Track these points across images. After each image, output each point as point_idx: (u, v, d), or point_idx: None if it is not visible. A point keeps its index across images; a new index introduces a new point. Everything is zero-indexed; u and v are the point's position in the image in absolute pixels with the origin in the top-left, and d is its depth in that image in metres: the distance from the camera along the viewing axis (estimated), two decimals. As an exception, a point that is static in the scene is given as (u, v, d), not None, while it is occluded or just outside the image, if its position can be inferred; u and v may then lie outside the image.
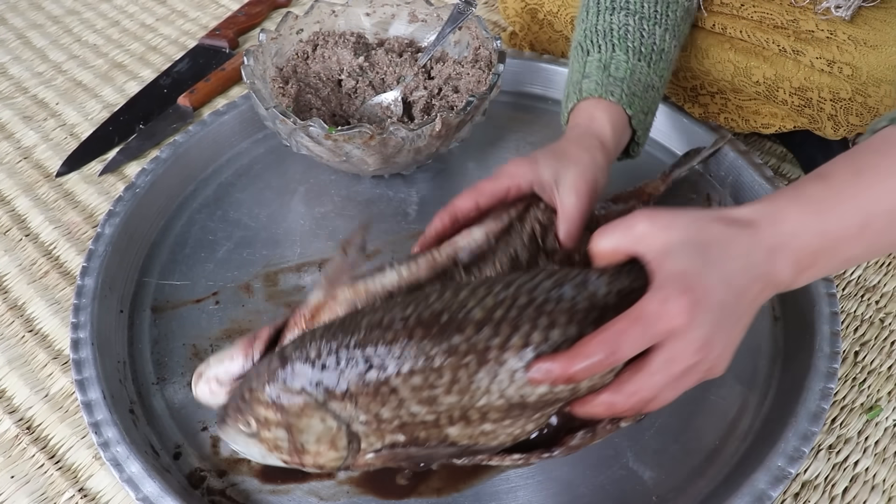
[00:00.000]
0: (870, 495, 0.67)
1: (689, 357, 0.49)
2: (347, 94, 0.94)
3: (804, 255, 0.51)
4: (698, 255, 0.49)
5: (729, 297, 0.49)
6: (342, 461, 0.56)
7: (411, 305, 0.53)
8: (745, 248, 0.50)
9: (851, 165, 0.52)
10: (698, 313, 0.48)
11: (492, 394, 0.52)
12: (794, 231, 0.51)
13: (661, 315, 0.48)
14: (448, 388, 0.52)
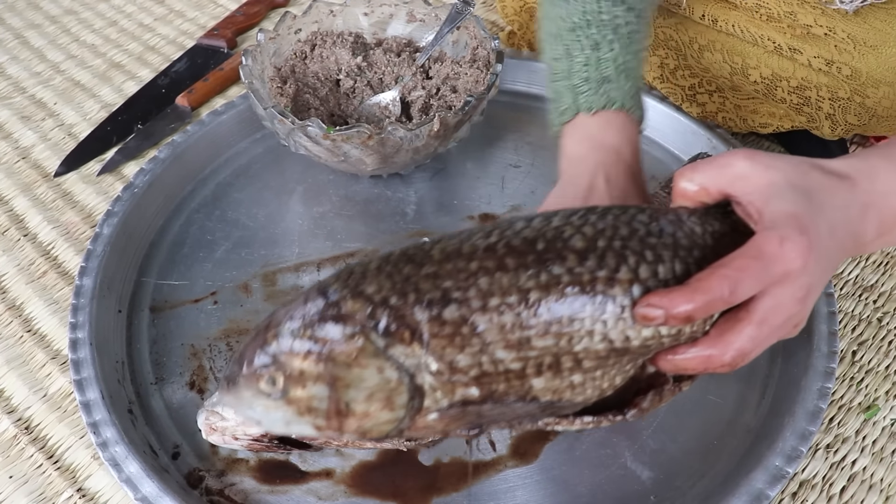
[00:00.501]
0: (867, 494, 0.67)
1: (792, 306, 0.46)
2: (346, 94, 0.94)
3: (889, 216, 0.50)
4: (805, 199, 0.46)
5: (832, 247, 0.47)
6: (396, 424, 0.46)
7: (494, 233, 0.46)
8: (844, 200, 0.48)
9: None
10: (811, 259, 0.45)
11: (594, 336, 0.45)
12: (886, 191, 0.49)
13: (779, 256, 0.45)
14: (544, 328, 0.44)
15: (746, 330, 0.46)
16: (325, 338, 0.43)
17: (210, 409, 0.65)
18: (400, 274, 0.44)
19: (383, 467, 0.67)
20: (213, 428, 0.64)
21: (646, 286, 0.45)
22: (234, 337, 0.78)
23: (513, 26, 1.08)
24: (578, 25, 0.72)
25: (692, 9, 0.87)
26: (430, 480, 0.67)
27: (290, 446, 0.66)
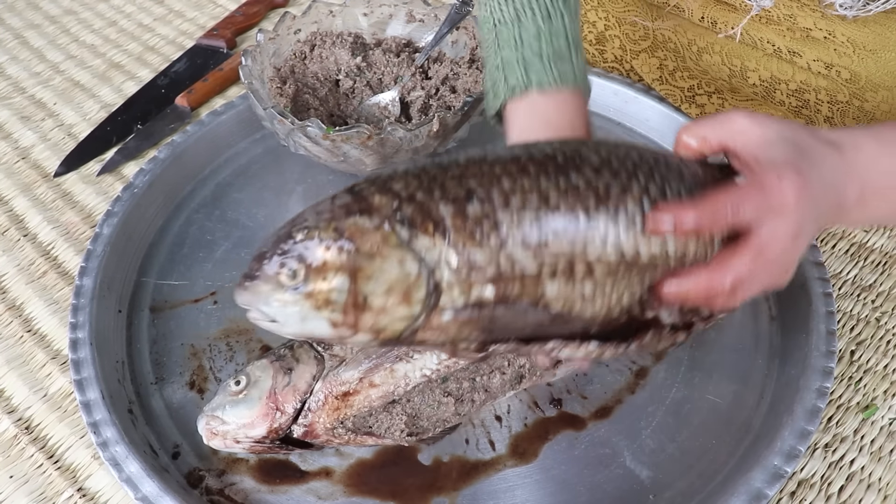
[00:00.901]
0: (866, 494, 0.67)
1: (786, 241, 0.49)
2: (345, 95, 0.95)
3: (870, 187, 0.52)
4: (798, 152, 0.50)
5: (822, 199, 0.50)
6: (410, 322, 0.46)
7: (517, 148, 0.48)
8: (832, 164, 0.51)
9: None
10: (804, 197, 0.49)
11: (607, 245, 0.47)
12: (868, 163, 0.52)
13: (777, 189, 0.48)
14: (562, 231, 0.46)
15: (745, 255, 0.49)
16: (350, 229, 0.44)
17: (210, 413, 0.65)
18: (427, 175, 0.46)
19: (383, 467, 0.68)
20: (213, 433, 0.64)
21: (655, 201, 0.49)
22: (234, 337, 0.78)
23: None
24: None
25: (691, 11, 0.87)
26: (430, 480, 0.67)
27: (291, 447, 0.66)
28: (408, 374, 0.64)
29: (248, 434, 0.64)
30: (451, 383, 0.67)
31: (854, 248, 0.87)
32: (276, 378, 0.64)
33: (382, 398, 0.65)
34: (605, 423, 0.70)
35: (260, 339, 0.78)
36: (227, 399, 0.65)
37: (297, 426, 0.64)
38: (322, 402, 0.64)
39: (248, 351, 0.77)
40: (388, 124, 0.80)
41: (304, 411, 0.64)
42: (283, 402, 0.63)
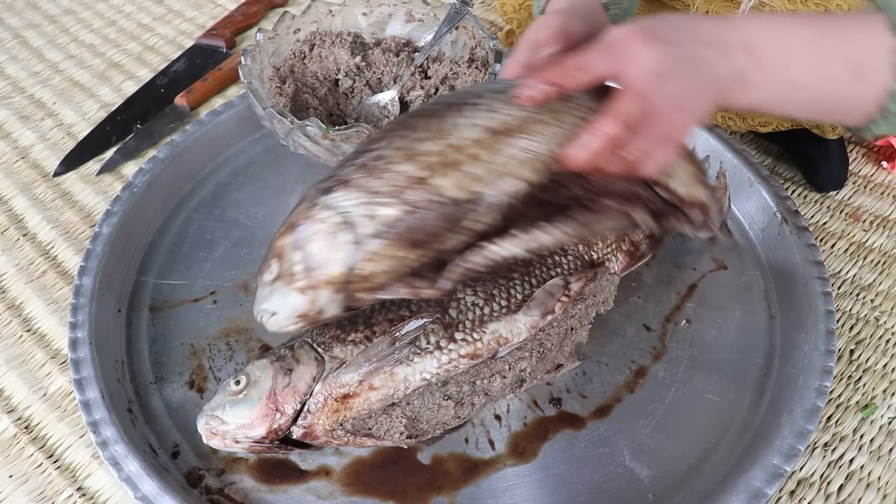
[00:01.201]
0: (865, 493, 0.68)
1: (648, 78, 0.53)
2: (344, 94, 0.95)
3: (757, 43, 0.55)
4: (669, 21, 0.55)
5: (696, 49, 0.54)
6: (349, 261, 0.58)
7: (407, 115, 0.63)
8: (710, 25, 0.55)
9: (817, 14, 0.57)
10: (651, 38, 0.53)
11: (476, 126, 0.57)
12: (750, 25, 0.56)
13: (619, 39, 0.53)
14: (425, 134, 0.57)
15: (618, 99, 0.54)
16: (294, 217, 0.60)
17: (209, 413, 0.65)
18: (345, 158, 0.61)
19: (382, 466, 0.68)
20: (213, 432, 0.64)
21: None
22: (234, 336, 0.78)
23: (511, 24, 1.08)
24: None
25: (696, 7, 0.87)
26: (429, 479, 0.67)
27: (290, 446, 0.66)
28: (408, 377, 0.64)
29: (248, 434, 0.64)
30: (452, 386, 0.67)
31: (853, 248, 0.87)
32: (277, 378, 0.64)
33: (382, 401, 0.65)
34: (604, 423, 0.70)
35: (259, 338, 0.78)
36: (226, 399, 0.65)
37: (296, 427, 0.64)
38: (322, 403, 0.64)
39: (247, 350, 0.77)
40: None
41: (303, 413, 0.64)
42: (282, 403, 0.63)
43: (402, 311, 0.67)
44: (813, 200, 0.93)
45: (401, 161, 0.56)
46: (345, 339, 0.66)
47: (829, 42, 0.56)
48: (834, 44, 0.56)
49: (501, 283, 0.70)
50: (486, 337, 0.67)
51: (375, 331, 0.66)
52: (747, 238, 0.85)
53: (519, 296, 0.70)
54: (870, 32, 0.55)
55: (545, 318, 0.69)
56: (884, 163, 0.97)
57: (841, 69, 0.56)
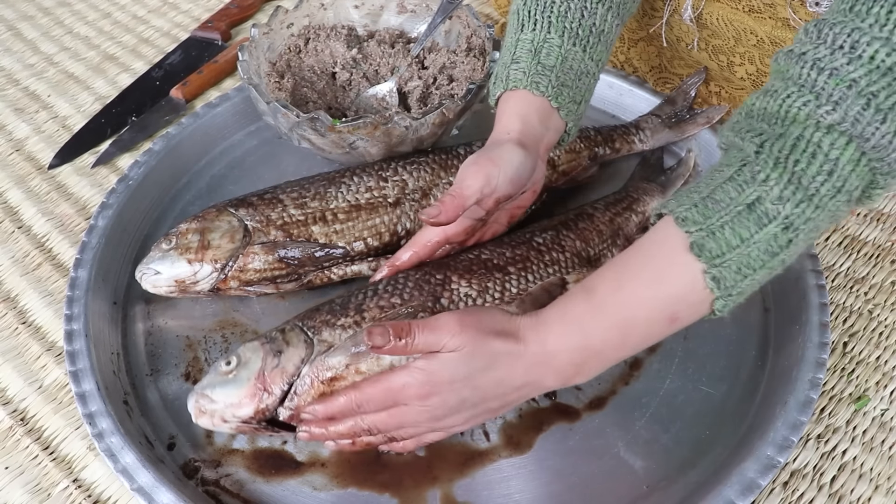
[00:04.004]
0: (858, 483, 0.68)
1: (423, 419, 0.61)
2: (342, 87, 0.94)
3: (567, 367, 0.59)
4: (464, 374, 0.59)
5: (469, 393, 0.60)
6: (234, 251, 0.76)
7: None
8: (508, 362, 0.59)
9: (616, 278, 0.58)
10: (432, 397, 0.60)
11: (339, 200, 0.79)
12: (556, 350, 0.59)
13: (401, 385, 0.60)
14: (312, 196, 0.79)
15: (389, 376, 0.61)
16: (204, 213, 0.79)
17: (199, 391, 0.65)
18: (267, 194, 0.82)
19: (378, 458, 0.68)
20: (201, 411, 0.65)
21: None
22: (229, 329, 0.78)
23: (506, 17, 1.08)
24: (518, 5, 0.76)
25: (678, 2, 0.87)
26: (425, 470, 0.67)
27: (277, 429, 0.66)
28: (394, 362, 0.64)
29: (236, 413, 0.64)
30: None
31: (847, 241, 0.87)
32: (266, 360, 0.65)
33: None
34: (599, 415, 0.71)
35: (255, 331, 0.78)
36: (216, 378, 0.65)
37: (283, 409, 0.64)
38: (308, 385, 0.64)
39: (243, 342, 0.76)
40: (396, 114, 0.80)
41: (290, 394, 0.64)
42: (270, 383, 0.64)
43: (394, 298, 0.68)
44: (807, 194, 0.93)
45: (291, 206, 0.79)
46: (335, 323, 0.67)
47: (637, 317, 0.57)
48: (644, 320, 0.57)
49: (497, 277, 0.71)
50: None
51: (365, 317, 0.67)
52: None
53: (514, 289, 0.70)
54: (673, 274, 0.56)
55: None
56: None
57: (657, 328, 0.58)
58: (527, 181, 0.70)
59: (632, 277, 0.58)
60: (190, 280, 0.76)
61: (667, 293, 0.56)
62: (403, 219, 0.80)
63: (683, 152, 0.93)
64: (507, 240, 0.76)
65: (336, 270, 0.79)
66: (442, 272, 0.71)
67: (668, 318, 0.57)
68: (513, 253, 0.74)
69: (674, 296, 0.56)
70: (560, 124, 0.73)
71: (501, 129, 0.71)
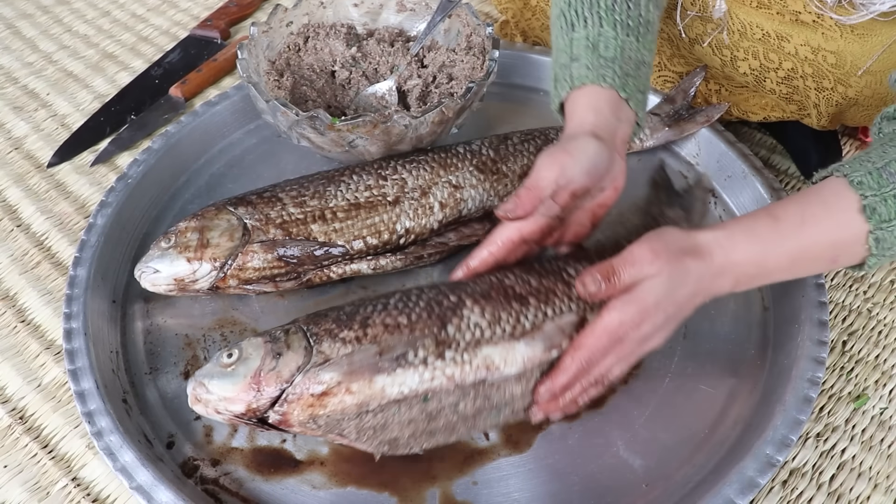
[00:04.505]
0: (856, 482, 0.68)
1: (635, 347, 0.63)
2: (341, 85, 0.94)
3: (742, 277, 0.64)
4: (665, 288, 0.62)
5: (672, 309, 0.63)
6: (233, 250, 0.76)
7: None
8: (698, 275, 0.62)
9: (800, 213, 0.63)
10: (645, 324, 0.62)
11: (339, 199, 0.79)
12: (739, 261, 0.63)
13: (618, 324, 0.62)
14: (311, 195, 0.79)
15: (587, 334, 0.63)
16: (203, 211, 0.79)
17: (198, 379, 0.65)
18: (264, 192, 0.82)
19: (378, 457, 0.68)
20: (197, 399, 0.65)
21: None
22: (228, 327, 0.78)
23: (506, 15, 1.08)
24: (562, 8, 0.76)
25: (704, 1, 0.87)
26: (424, 469, 0.67)
27: (268, 427, 0.65)
28: (386, 388, 0.62)
29: (228, 408, 0.64)
30: (433, 404, 0.64)
31: (846, 240, 0.87)
32: (265, 360, 0.64)
33: (357, 406, 0.63)
34: (598, 413, 0.71)
35: (254, 329, 0.78)
36: (216, 369, 0.65)
37: (273, 412, 0.64)
38: (299, 395, 0.63)
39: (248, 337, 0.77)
40: (395, 112, 0.80)
41: (281, 399, 0.63)
42: (264, 385, 0.63)
43: (401, 317, 0.65)
44: (807, 192, 0.93)
45: (290, 204, 0.79)
46: (337, 334, 0.65)
47: (808, 255, 0.64)
48: (812, 255, 0.64)
49: (513, 308, 0.66)
50: (476, 361, 0.64)
51: (367, 333, 0.64)
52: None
53: (527, 324, 0.65)
54: (845, 226, 0.62)
55: (548, 352, 0.65)
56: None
57: (819, 265, 0.67)
58: (604, 174, 0.68)
59: (812, 217, 0.63)
60: (189, 278, 0.76)
61: (836, 241, 0.63)
62: (403, 217, 0.80)
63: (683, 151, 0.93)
64: (538, 266, 0.70)
65: (335, 269, 0.79)
66: (457, 294, 0.67)
67: (829, 259, 0.65)
68: (539, 283, 0.68)
69: (841, 244, 0.63)
70: (630, 115, 0.72)
71: (575, 125, 0.70)
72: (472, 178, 0.82)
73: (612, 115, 0.70)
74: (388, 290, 0.79)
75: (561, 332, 0.65)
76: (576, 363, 0.63)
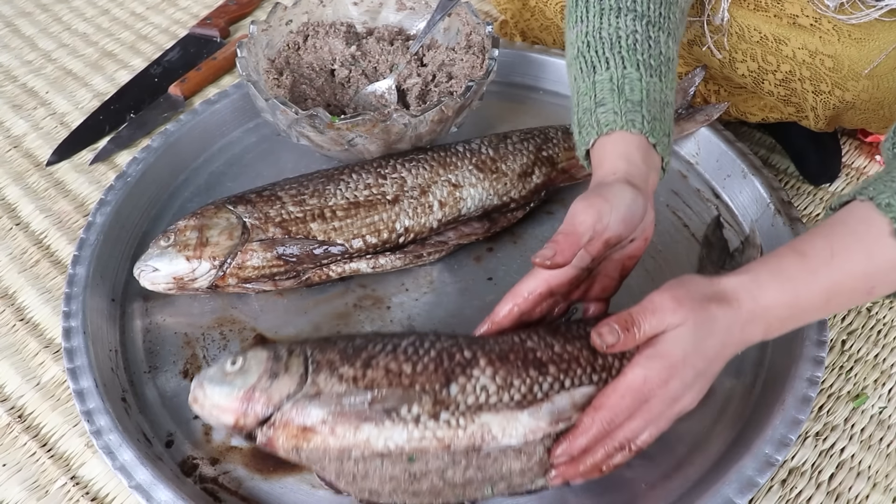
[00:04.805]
0: (855, 481, 0.68)
1: (663, 407, 0.59)
2: (341, 84, 0.94)
3: (775, 322, 0.60)
4: (692, 340, 0.58)
5: (702, 364, 0.59)
6: (232, 248, 0.77)
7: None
8: (726, 325, 0.58)
9: (828, 246, 0.59)
10: (673, 380, 0.58)
11: (338, 197, 0.79)
12: (770, 305, 0.59)
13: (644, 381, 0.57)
14: (311, 194, 0.80)
15: (610, 394, 0.58)
16: (202, 210, 0.80)
17: (199, 381, 0.63)
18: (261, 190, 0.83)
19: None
20: (195, 400, 0.62)
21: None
22: (228, 326, 0.78)
23: (505, 14, 1.08)
24: (580, 49, 0.73)
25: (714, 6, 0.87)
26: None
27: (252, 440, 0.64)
28: (371, 439, 0.59)
29: (219, 417, 0.62)
30: (418, 465, 0.60)
31: (846, 239, 0.87)
32: (262, 378, 0.62)
33: (339, 451, 0.60)
34: (597, 412, 0.70)
35: (254, 327, 0.78)
36: (218, 374, 0.63)
37: (260, 433, 0.61)
38: (285, 423, 0.60)
39: (241, 339, 0.77)
40: (395, 111, 0.80)
41: (269, 422, 0.61)
42: (254, 404, 0.61)
43: (405, 365, 0.61)
44: (806, 192, 0.94)
45: (290, 203, 0.79)
46: (336, 369, 0.61)
47: (843, 290, 0.60)
48: (847, 289, 0.60)
49: (529, 375, 0.61)
50: (472, 427, 0.59)
51: (367, 375, 0.61)
52: (740, 229, 0.86)
53: (539, 394, 0.60)
54: (879, 255, 0.58)
55: (554, 425, 0.60)
56: (878, 157, 0.97)
57: (855, 298, 0.62)
58: (638, 223, 0.65)
59: (842, 250, 0.59)
60: (188, 277, 0.76)
61: (872, 270, 0.59)
62: (402, 216, 0.80)
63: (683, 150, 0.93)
64: (564, 329, 0.66)
65: (335, 268, 0.79)
66: (473, 350, 0.63)
67: (866, 291, 0.60)
68: (562, 348, 0.63)
69: (876, 273, 0.59)
70: (658, 161, 0.69)
71: (606, 172, 0.67)
72: (471, 176, 0.82)
73: (642, 163, 0.67)
74: (388, 288, 0.81)
75: (573, 405, 0.60)
76: (596, 425, 0.58)
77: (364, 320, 0.78)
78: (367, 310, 0.79)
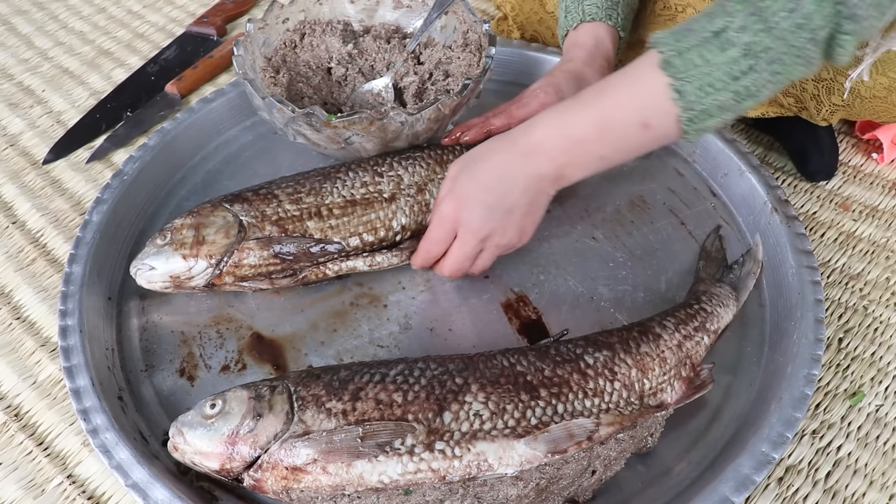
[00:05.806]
0: (852, 479, 0.68)
1: (472, 239, 0.72)
2: (338, 82, 0.94)
3: (554, 153, 0.68)
4: (467, 173, 0.71)
5: (491, 197, 0.70)
6: (229, 246, 0.76)
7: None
8: (501, 160, 0.70)
9: (600, 87, 0.67)
10: (463, 210, 0.71)
11: (335, 196, 0.79)
12: (543, 138, 0.68)
13: (442, 216, 0.73)
14: (307, 192, 0.79)
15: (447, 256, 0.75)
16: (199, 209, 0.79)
17: (178, 426, 0.63)
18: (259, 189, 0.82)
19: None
20: (175, 447, 0.63)
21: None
22: (224, 324, 0.78)
23: (504, 9, 1.08)
24: None
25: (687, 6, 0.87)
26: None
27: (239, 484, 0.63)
28: (364, 474, 0.58)
29: (203, 462, 0.62)
30: (415, 498, 0.60)
31: (842, 237, 0.88)
32: (244, 420, 0.61)
33: (332, 488, 0.59)
34: (594, 410, 0.70)
35: (250, 326, 0.78)
36: (197, 419, 0.62)
37: (247, 476, 0.61)
38: (273, 464, 0.59)
39: (238, 338, 0.77)
40: (391, 109, 0.80)
41: (256, 465, 0.60)
42: (240, 448, 0.60)
43: (396, 395, 0.61)
44: (803, 190, 0.94)
45: (286, 201, 0.79)
46: (324, 403, 0.61)
47: (615, 120, 0.66)
48: (619, 120, 0.65)
49: (521, 400, 0.61)
50: (468, 457, 0.59)
51: (357, 407, 0.60)
52: (738, 227, 0.86)
53: (533, 420, 0.61)
54: (644, 84, 0.63)
55: (550, 456, 0.60)
56: (874, 154, 0.97)
57: (632, 131, 0.65)
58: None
59: (611, 86, 0.66)
60: (185, 275, 0.76)
61: (638, 99, 0.64)
62: (399, 214, 0.80)
63: (680, 148, 0.93)
64: (554, 352, 0.66)
65: (331, 266, 0.79)
66: (464, 377, 0.63)
67: (640, 123, 0.64)
68: (553, 372, 0.63)
69: (644, 103, 0.64)
70: (618, 40, 0.86)
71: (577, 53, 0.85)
72: None
73: (612, 47, 0.85)
74: (385, 286, 0.81)
75: (569, 437, 0.60)
76: (423, 249, 0.75)
77: (361, 318, 0.78)
78: (363, 308, 0.79)
